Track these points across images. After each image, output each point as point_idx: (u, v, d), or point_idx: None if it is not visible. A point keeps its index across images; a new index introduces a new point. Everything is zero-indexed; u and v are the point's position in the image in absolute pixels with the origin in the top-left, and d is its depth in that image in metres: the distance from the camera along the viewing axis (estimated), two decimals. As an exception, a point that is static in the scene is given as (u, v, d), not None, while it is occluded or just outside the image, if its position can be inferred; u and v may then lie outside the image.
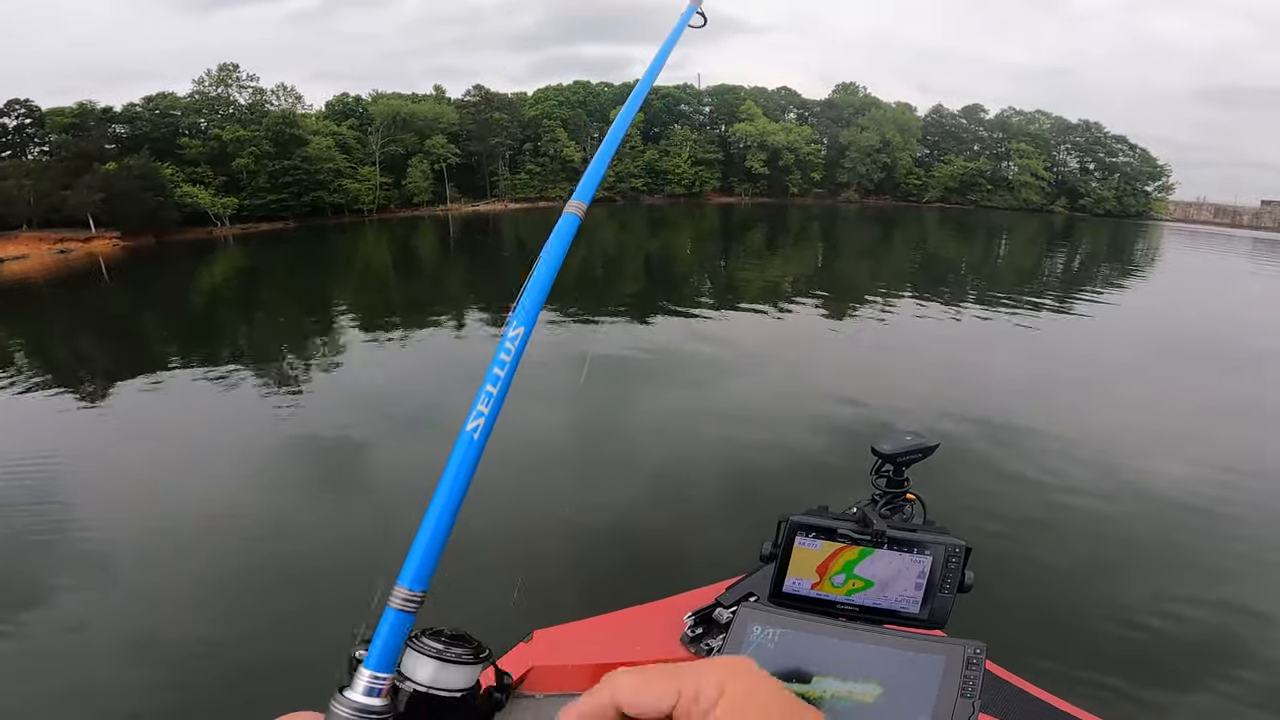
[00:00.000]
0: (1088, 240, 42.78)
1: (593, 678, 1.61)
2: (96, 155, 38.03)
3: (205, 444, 8.89)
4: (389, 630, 0.54)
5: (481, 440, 0.63)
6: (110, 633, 5.15)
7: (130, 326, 18.68)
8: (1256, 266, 33.97)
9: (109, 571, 5.92)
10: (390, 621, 0.55)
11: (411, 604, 0.56)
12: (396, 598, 0.56)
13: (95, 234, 36.60)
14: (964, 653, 0.91)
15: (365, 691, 0.52)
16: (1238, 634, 5.08)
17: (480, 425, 0.63)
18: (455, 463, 0.62)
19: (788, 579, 1.12)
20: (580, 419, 9.48)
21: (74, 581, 5.81)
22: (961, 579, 1.08)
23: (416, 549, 0.58)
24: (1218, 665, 4.74)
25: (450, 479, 0.61)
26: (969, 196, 58.22)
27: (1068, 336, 15.75)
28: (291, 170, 42.04)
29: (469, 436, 0.62)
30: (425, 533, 0.59)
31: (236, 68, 43.39)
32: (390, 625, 0.55)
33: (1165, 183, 59.46)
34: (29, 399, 11.09)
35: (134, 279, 28.71)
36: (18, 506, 7.05)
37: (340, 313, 19.03)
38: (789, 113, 62.90)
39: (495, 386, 0.65)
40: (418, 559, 0.57)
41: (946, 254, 34.67)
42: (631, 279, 25.44)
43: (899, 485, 1.65)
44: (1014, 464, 7.89)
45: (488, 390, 0.64)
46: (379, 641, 0.54)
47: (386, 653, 0.53)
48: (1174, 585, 5.67)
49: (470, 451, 0.62)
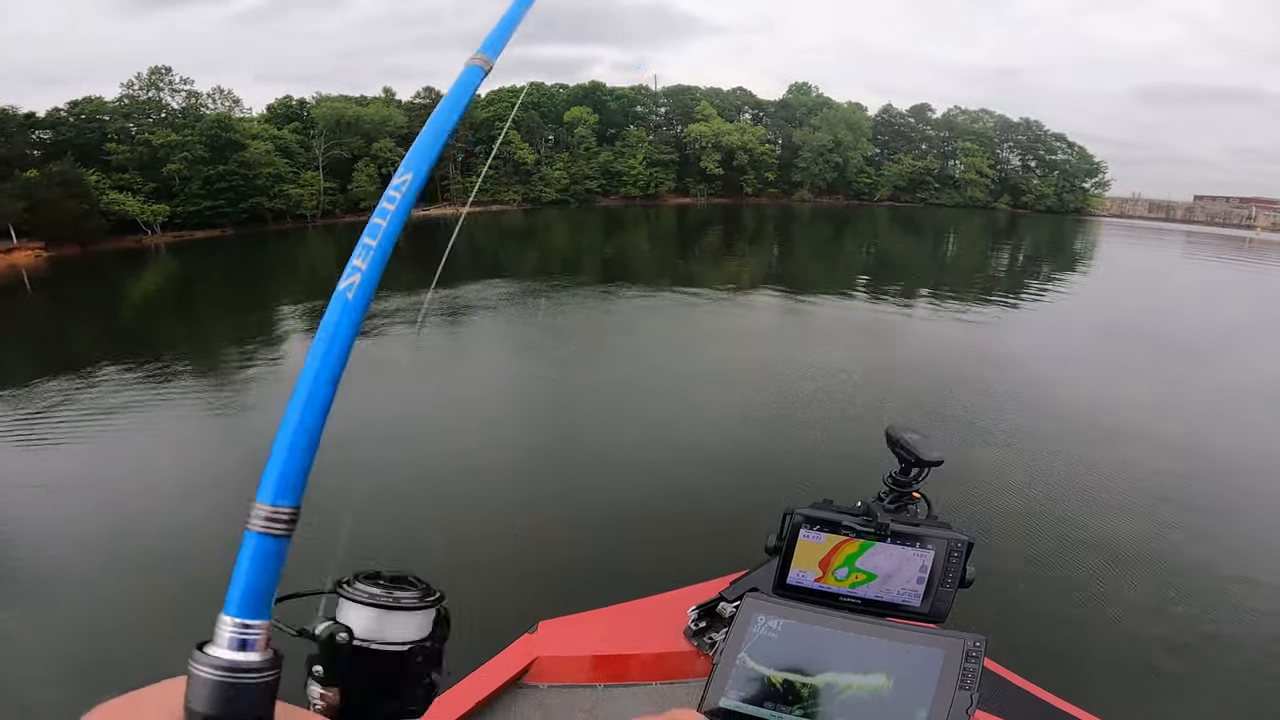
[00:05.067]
0: (1030, 236, 44.17)
1: (596, 669, 1.71)
2: (17, 162, 36.14)
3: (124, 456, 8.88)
4: (251, 561, 0.42)
5: (358, 301, 0.50)
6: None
7: (52, 339, 17.76)
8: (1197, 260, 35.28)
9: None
10: (252, 549, 0.42)
11: (278, 524, 0.43)
12: (257, 518, 0.43)
13: (16, 244, 34.77)
14: (964, 646, 0.93)
15: (231, 644, 0.40)
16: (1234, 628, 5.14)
17: (355, 283, 0.51)
18: (328, 329, 0.49)
19: (792, 571, 1.13)
20: (581, 419, 9.63)
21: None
22: (963, 574, 1.09)
23: (278, 451, 0.45)
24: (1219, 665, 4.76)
25: (322, 350, 0.48)
26: (918, 194, 59.63)
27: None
28: (228, 175, 40.57)
29: (342, 296, 0.50)
30: (287, 431, 0.45)
31: (169, 70, 41.75)
32: (252, 554, 0.42)
33: (1101, 179, 61.85)
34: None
35: (58, 290, 27.41)
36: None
37: (278, 321, 18.54)
38: (744, 113, 63.45)
39: (375, 239, 0.53)
40: (279, 465, 0.44)
41: (898, 252, 35.36)
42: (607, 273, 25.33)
43: (905, 485, 1.60)
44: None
45: (366, 243, 0.52)
46: (239, 577, 0.41)
47: (253, 592, 0.41)
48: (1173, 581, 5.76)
49: (346, 314, 0.49)
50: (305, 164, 45.43)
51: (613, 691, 1.70)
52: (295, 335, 16.53)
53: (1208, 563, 6.07)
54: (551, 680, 1.73)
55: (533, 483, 7.59)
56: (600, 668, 1.76)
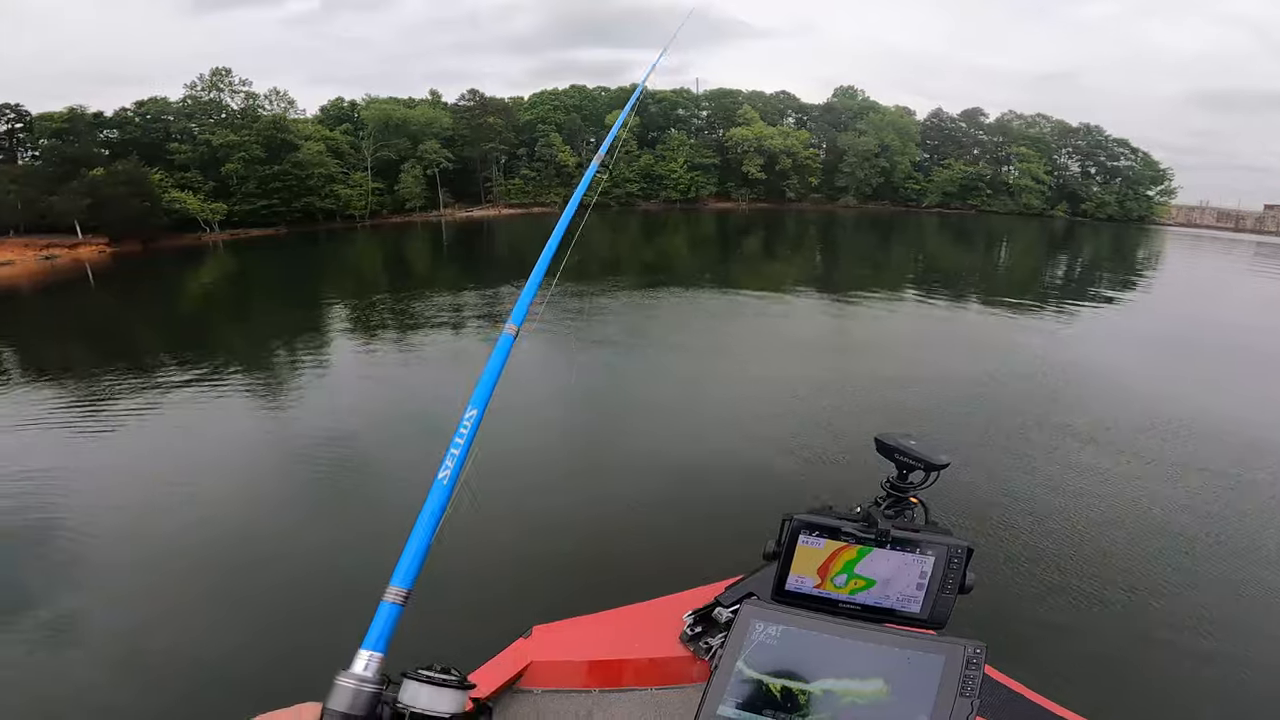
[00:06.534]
0: (1099, 244, 42.19)
1: (591, 674, 1.74)
2: (85, 160, 37.68)
3: (187, 450, 9.03)
4: (383, 618, 0.74)
5: (450, 484, 0.87)
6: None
7: (114, 332, 18.32)
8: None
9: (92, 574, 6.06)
10: (384, 612, 0.74)
11: (401, 598, 0.76)
12: (390, 593, 0.76)
13: (82, 240, 36.22)
14: (964, 652, 0.93)
15: (363, 668, 0.69)
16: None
17: (448, 475, 0.88)
18: (431, 504, 0.84)
19: (790, 577, 1.12)
20: (577, 419, 9.68)
21: (60, 584, 5.96)
22: (963, 580, 1.08)
23: (406, 554, 0.79)
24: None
25: (428, 515, 0.83)
26: (969, 201, 57.64)
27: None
28: (281, 175, 41.61)
29: (440, 483, 0.87)
30: (412, 542, 0.80)
31: (229, 72, 43.09)
32: (384, 614, 0.74)
33: (1167, 186, 58.86)
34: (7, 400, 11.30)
35: (120, 285, 28.41)
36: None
37: (331, 319, 18.77)
38: (787, 117, 62.48)
39: (457, 450, 0.90)
40: (408, 559, 0.78)
41: (946, 262, 34.11)
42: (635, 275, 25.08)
43: (904, 491, 1.59)
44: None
45: (452, 453, 0.90)
46: (375, 627, 0.73)
47: (380, 636, 0.72)
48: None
49: (441, 495, 0.86)
50: (354, 165, 46.31)
51: (608, 696, 1.70)
52: (347, 334, 16.61)
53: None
54: (546, 685, 1.73)
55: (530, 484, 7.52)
56: (595, 673, 1.75)
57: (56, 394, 11.81)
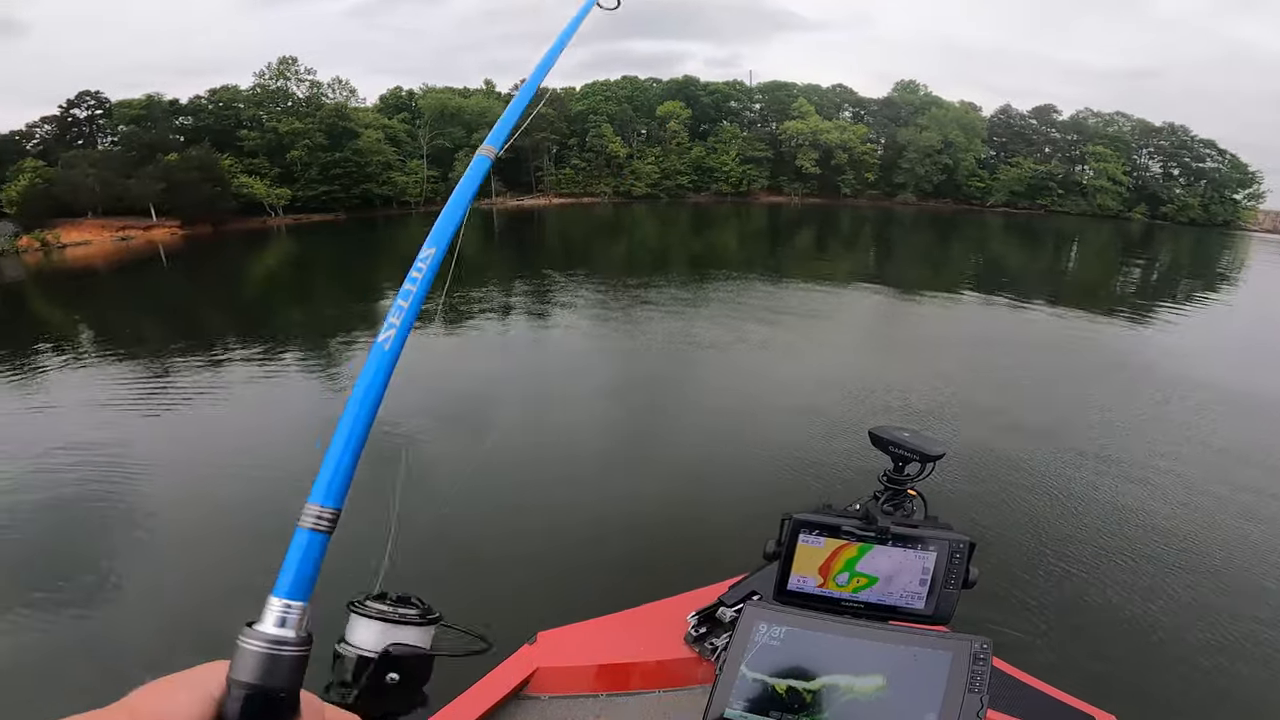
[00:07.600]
0: (1169, 251, 39.41)
1: (597, 678, 1.75)
2: (161, 146, 39.33)
3: (255, 426, 9.13)
4: (299, 552, 0.51)
5: (393, 351, 0.64)
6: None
7: (186, 310, 18.87)
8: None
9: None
10: (300, 542, 0.51)
11: (324, 522, 0.53)
12: (307, 516, 0.53)
13: (156, 222, 37.85)
14: (971, 648, 0.92)
15: (275, 622, 0.47)
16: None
17: (391, 336, 0.64)
18: (367, 373, 0.62)
19: (792, 576, 1.10)
20: (580, 419, 9.22)
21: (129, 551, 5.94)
22: (966, 574, 1.07)
23: (327, 464, 0.56)
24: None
25: (362, 389, 0.61)
26: (1038, 201, 54.78)
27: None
28: (342, 162, 42.63)
29: (380, 347, 0.63)
30: (336, 447, 0.57)
31: (295, 61, 44.32)
32: (301, 547, 0.51)
33: (1256, 190, 54.70)
34: (84, 374, 11.66)
35: (191, 266, 29.49)
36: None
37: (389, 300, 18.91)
38: (844, 111, 60.59)
39: (407, 301, 0.67)
40: (328, 474, 0.55)
41: (1012, 262, 32.35)
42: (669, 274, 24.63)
43: (901, 483, 1.58)
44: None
45: (399, 304, 0.66)
46: (289, 565, 0.50)
47: (299, 578, 0.50)
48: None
49: (382, 362, 0.63)
50: (411, 153, 47.08)
51: (615, 700, 1.69)
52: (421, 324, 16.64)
53: None
54: (553, 691, 1.71)
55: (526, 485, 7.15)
56: (602, 677, 1.74)
57: (130, 368, 12.11)
